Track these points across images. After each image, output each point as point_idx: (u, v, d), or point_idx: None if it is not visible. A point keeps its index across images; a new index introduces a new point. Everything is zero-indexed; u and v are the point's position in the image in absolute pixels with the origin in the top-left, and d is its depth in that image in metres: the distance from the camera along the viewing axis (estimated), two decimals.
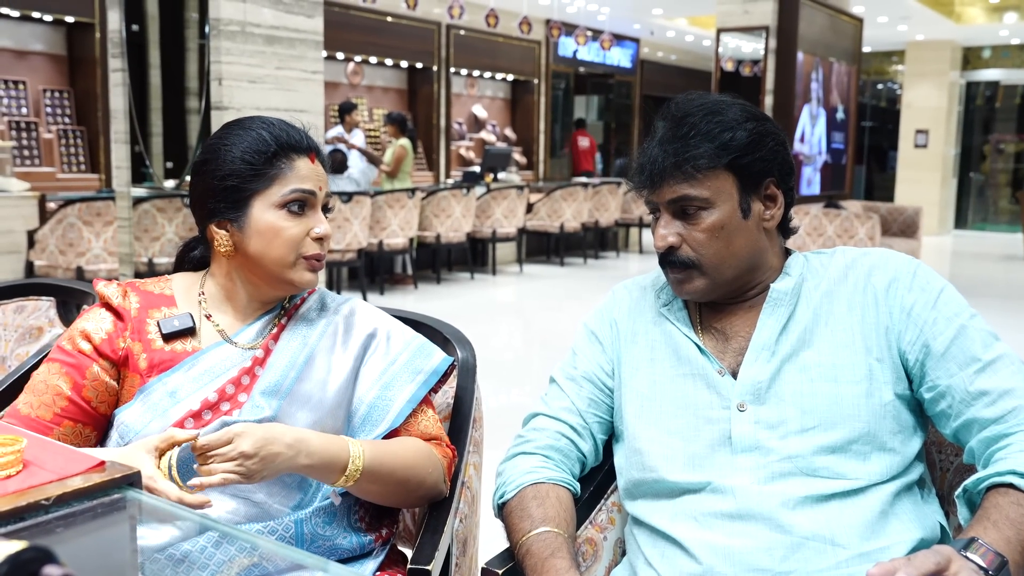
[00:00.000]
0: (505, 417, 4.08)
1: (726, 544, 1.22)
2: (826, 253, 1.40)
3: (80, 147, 8.31)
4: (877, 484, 1.24)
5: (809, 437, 1.25)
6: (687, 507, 1.28)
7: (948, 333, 1.25)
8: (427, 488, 1.40)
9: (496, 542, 1.49)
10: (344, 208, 7.24)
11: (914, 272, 1.31)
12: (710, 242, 1.30)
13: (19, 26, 7.99)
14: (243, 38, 4.33)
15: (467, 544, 1.55)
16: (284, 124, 1.43)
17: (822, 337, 1.30)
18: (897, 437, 1.26)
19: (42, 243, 6.01)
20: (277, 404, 1.35)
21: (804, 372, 1.28)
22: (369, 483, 1.32)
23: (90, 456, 1.01)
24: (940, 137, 14.47)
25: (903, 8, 11.79)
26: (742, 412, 1.29)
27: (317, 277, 1.43)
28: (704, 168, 1.28)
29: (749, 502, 1.23)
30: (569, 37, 13.04)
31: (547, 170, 13.65)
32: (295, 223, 1.38)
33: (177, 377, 1.36)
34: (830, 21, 9.21)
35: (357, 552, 1.39)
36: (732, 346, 1.35)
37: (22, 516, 0.90)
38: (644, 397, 1.38)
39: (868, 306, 1.30)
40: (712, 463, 1.29)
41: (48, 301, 2.02)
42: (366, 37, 10.69)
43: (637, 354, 1.42)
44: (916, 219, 9.46)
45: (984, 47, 15.31)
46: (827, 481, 1.23)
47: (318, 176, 1.43)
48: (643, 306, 1.46)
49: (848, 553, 1.19)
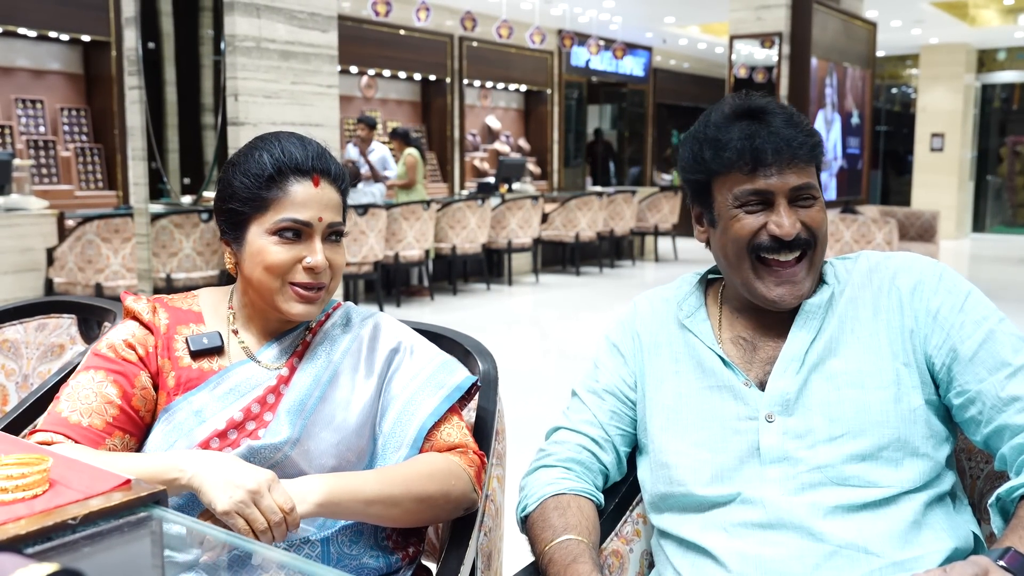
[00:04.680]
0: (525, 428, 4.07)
1: (757, 552, 1.21)
2: (851, 258, 1.38)
3: (97, 164, 8.37)
4: (909, 492, 1.21)
5: (838, 446, 1.23)
6: (717, 519, 1.26)
7: (976, 337, 1.23)
8: (454, 500, 1.36)
9: (521, 555, 1.48)
10: (360, 221, 7.26)
11: (940, 275, 1.29)
12: (822, 224, 1.31)
13: (36, 46, 8.06)
14: (258, 54, 4.35)
15: (492, 558, 1.54)
16: (294, 144, 1.37)
17: (848, 344, 1.28)
18: (929, 442, 1.23)
19: (61, 260, 6.05)
20: (301, 424, 1.34)
21: (831, 380, 1.26)
22: (372, 507, 1.29)
23: (115, 475, 1.01)
24: (956, 140, 14.39)
25: (917, 12, 11.75)
26: (770, 423, 1.27)
27: (311, 310, 1.36)
28: (819, 156, 1.31)
29: (779, 512, 1.22)
30: (582, 47, 13.07)
31: (561, 180, 13.65)
32: (284, 250, 1.33)
33: (203, 396, 1.35)
34: (843, 26, 9.19)
35: (384, 571, 1.37)
36: (759, 356, 1.33)
37: (49, 536, 0.90)
38: (670, 409, 1.36)
39: (893, 310, 1.28)
40: (741, 475, 1.26)
41: (69, 319, 2.03)
42: (380, 51, 10.74)
43: (661, 366, 1.39)
44: (934, 223, 9.40)
45: (999, 49, 15.23)
46: (858, 490, 1.21)
47: (321, 203, 1.35)
48: (665, 317, 1.43)
49: (881, 562, 1.17)
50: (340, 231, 1.39)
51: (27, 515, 0.91)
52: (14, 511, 0.92)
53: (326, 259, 1.34)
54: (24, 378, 2.00)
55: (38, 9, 7.65)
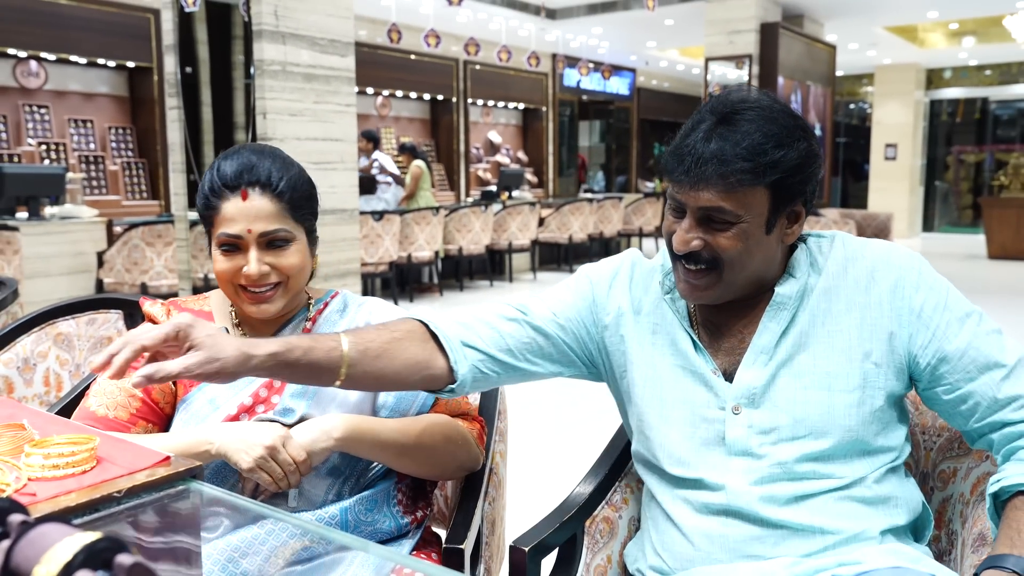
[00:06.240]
0: (525, 407, 4.07)
1: (721, 532, 1.16)
2: (826, 238, 1.24)
3: (142, 177, 8.36)
4: (863, 478, 1.16)
5: (799, 445, 1.15)
6: (683, 493, 1.22)
7: (963, 336, 1.13)
8: (460, 459, 1.38)
9: (522, 522, 1.47)
10: (376, 225, 7.25)
11: (919, 270, 1.17)
12: (730, 251, 1.13)
13: (86, 71, 8.06)
14: (284, 76, 4.34)
15: (495, 524, 1.53)
16: (231, 161, 1.30)
17: (818, 339, 1.17)
18: (880, 437, 1.17)
19: (110, 263, 6.04)
20: (306, 404, 1.33)
21: (798, 379, 1.16)
22: (384, 451, 1.30)
23: (156, 452, 1.00)
24: (907, 150, 14.36)
25: (872, 35, 11.72)
26: (736, 415, 1.18)
27: (267, 308, 1.32)
28: (747, 184, 1.09)
29: (739, 500, 1.16)
30: (573, 69, 13.05)
31: (556, 188, 13.63)
32: (226, 260, 1.30)
33: (215, 386, 1.33)
34: (807, 49, 9.16)
35: (396, 534, 1.37)
36: (725, 344, 1.22)
37: (96, 508, 0.89)
38: (646, 378, 1.26)
39: (871, 307, 1.16)
40: (705, 461, 1.19)
41: (116, 314, 2.02)
42: (393, 73, 10.72)
43: (641, 331, 1.27)
44: (888, 224, 9.39)
45: (945, 68, 15.20)
46: (814, 482, 1.15)
47: (249, 215, 1.28)
48: (651, 284, 1.29)
49: (836, 538, 1.13)
50: (282, 237, 1.30)
51: (76, 488, 0.90)
52: (65, 485, 0.91)
53: (266, 265, 1.30)
54: (76, 367, 2.00)
55: (88, 39, 7.64)
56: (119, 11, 7.79)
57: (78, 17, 7.54)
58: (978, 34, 12.44)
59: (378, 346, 1.16)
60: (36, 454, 0.94)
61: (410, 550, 1.37)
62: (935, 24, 12.13)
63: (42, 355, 1.97)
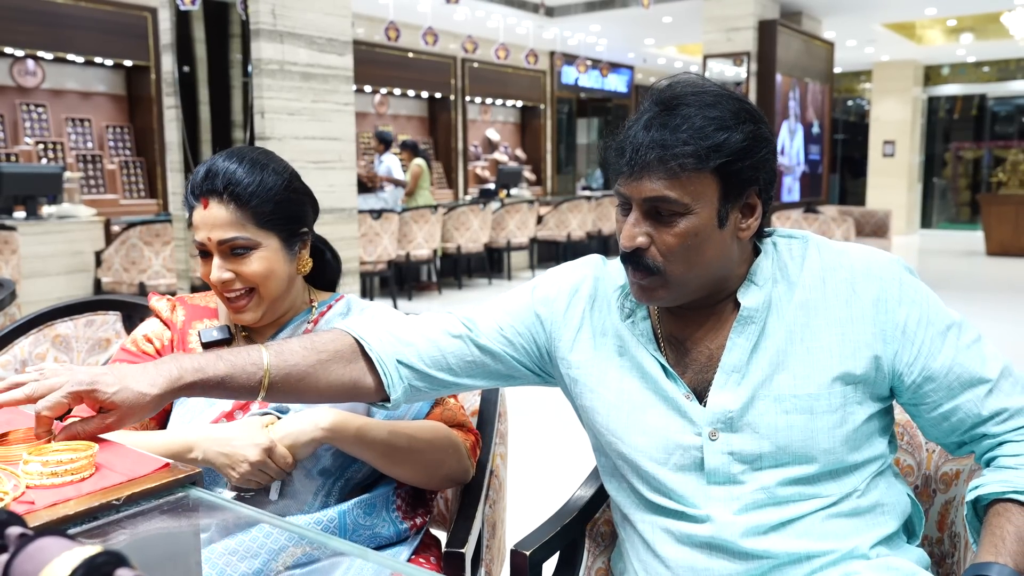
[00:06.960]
0: (525, 409, 4.06)
1: (706, 567, 1.11)
2: (798, 239, 1.17)
3: (140, 176, 8.34)
4: (849, 494, 1.11)
5: (783, 471, 1.10)
6: (663, 523, 1.15)
7: (946, 352, 1.10)
8: (448, 468, 1.36)
9: (522, 525, 1.47)
10: (375, 224, 7.23)
11: (900, 280, 1.12)
12: (680, 248, 1.06)
13: (84, 70, 8.04)
14: (282, 75, 4.32)
15: (496, 527, 1.52)
16: (204, 168, 1.30)
17: (797, 358, 1.10)
18: (866, 450, 1.12)
19: (108, 262, 6.02)
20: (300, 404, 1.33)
21: (779, 403, 1.09)
22: (371, 450, 1.29)
23: (156, 458, 0.99)
24: (905, 147, 14.36)
25: (870, 32, 11.71)
26: (713, 441, 1.11)
27: (244, 316, 1.32)
28: (690, 168, 1.03)
29: (723, 532, 1.09)
30: (571, 66, 13.04)
31: (554, 186, 13.61)
32: (202, 266, 1.32)
33: None
34: (805, 46, 9.15)
35: (395, 539, 1.36)
36: (692, 358, 1.15)
37: (95, 516, 0.88)
38: (611, 405, 1.17)
39: (853, 321, 1.10)
40: (685, 489, 1.12)
41: (115, 315, 2.01)
42: (391, 71, 10.70)
43: (606, 355, 1.19)
44: (886, 221, 9.39)
45: (943, 65, 15.19)
46: (800, 504, 1.10)
47: (209, 223, 1.28)
48: (613, 305, 1.21)
49: (824, 560, 1.09)
50: (241, 245, 1.29)
51: (75, 496, 0.90)
52: (64, 493, 0.90)
53: (229, 272, 1.30)
54: None
55: (85, 38, 7.62)
56: (116, 10, 7.78)
57: (75, 16, 7.53)
58: (976, 31, 12.43)
59: (301, 370, 1.15)
60: (35, 461, 0.94)
61: (408, 556, 1.37)
62: (933, 21, 12.12)
63: (40, 357, 1.96)
